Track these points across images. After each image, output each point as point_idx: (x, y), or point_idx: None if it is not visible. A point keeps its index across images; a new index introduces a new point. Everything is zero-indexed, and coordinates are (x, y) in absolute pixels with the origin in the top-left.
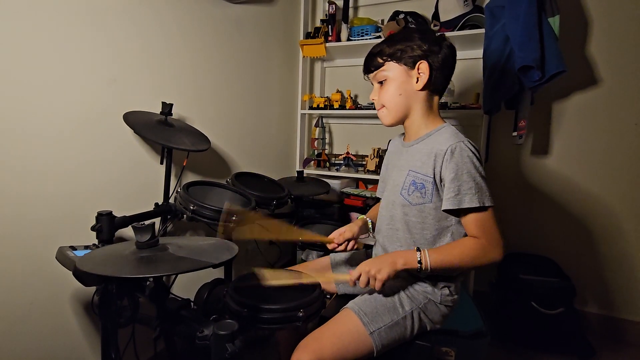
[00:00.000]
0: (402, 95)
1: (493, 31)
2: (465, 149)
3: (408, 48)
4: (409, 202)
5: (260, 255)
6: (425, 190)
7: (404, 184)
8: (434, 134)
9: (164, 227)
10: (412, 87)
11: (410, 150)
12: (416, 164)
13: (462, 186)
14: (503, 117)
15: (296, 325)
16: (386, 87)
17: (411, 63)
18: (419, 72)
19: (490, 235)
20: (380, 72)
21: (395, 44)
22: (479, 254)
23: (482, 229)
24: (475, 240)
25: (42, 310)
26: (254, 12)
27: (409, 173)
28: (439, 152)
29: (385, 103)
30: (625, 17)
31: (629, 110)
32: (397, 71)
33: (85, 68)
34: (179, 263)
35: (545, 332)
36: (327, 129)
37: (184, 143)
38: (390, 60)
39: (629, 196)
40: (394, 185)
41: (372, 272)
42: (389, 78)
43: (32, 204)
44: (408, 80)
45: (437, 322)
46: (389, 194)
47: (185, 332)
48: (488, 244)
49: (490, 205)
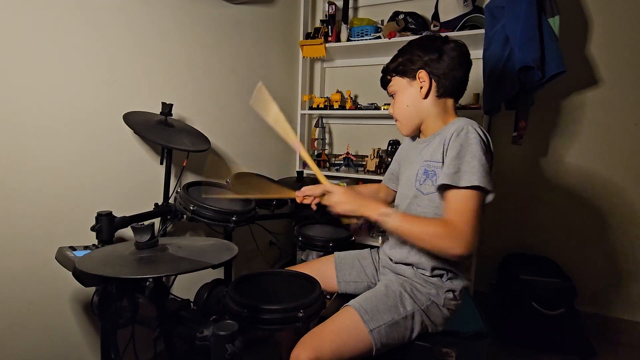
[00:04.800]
0: (410, 106)
1: (493, 32)
2: (472, 131)
3: (407, 61)
4: (421, 192)
5: (260, 255)
6: (436, 178)
7: (417, 176)
8: (447, 127)
9: (164, 227)
10: (417, 96)
11: (424, 146)
12: (429, 154)
13: (463, 165)
14: (503, 117)
15: (296, 326)
16: (396, 100)
17: (412, 75)
18: (420, 81)
19: (466, 222)
20: (389, 87)
21: (397, 58)
22: (443, 239)
23: (459, 212)
24: (446, 224)
25: (41, 310)
26: (253, 12)
27: (422, 164)
28: (447, 136)
29: (397, 116)
30: (625, 18)
31: (628, 110)
32: (401, 84)
33: (85, 69)
34: (178, 263)
35: (546, 332)
36: (327, 129)
37: (184, 143)
38: (395, 75)
39: (629, 196)
40: (407, 179)
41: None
42: (397, 92)
43: (32, 204)
44: (412, 91)
45: (439, 325)
46: (403, 189)
47: (185, 333)
48: (459, 232)
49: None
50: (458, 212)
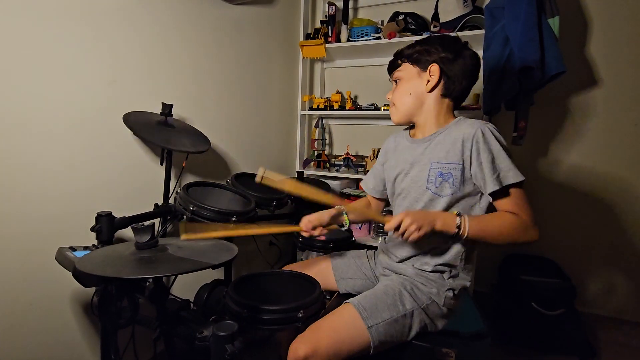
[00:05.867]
0: (412, 95)
1: (493, 32)
2: (494, 130)
3: (425, 52)
4: (438, 195)
5: (260, 255)
6: (453, 180)
7: (429, 178)
8: (452, 126)
9: (164, 227)
10: (422, 88)
11: (428, 144)
12: (439, 155)
13: (501, 165)
14: (503, 118)
15: (296, 326)
16: (399, 87)
17: (424, 66)
18: (430, 74)
19: (528, 211)
20: (396, 72)
21: (414, 46)
22: (519, 229)
23: (519, 205)
24: (515, 216)
25: (42, 310)
26: (253, 13)
27: (432, 166)
28: (466, 136)
29: (395, 101)
30: (625, 18)
31: (628, 111)
32: (410, 72)
33: (85, 69)
34: (178, 264)
35: (546, 333)
36: (327, 130)
37: (184, 144)
38: (407, 61)
39: (630, 196)
40: (412, 181)
41: (413, 228)
42: (402, 78)
43: (32, 204)
44: (419, 81)
45: (439, 324)
46: (407, 192)
47: (185, 333)
48: (529, 221)
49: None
50: (517, 206)
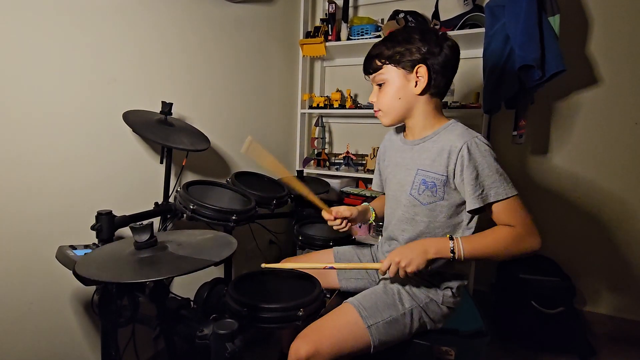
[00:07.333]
0: (402, 100)
1: (493, 30)
2: (481, 144)
3: (407, 51)
4: (420, 202)
5: (260, 254)
6: (436, 189)
7: (414, 184)
8: (442, 132)
9: (164, 226)
10: (411, 91)
11: (416, 149)
12: (425, 162)
13: (485, 182)
14: (503, 116)
15: (296, 325)
16: (385, 91)
17: (410, 67)
18: (418, 76)
19: (523, 221)
20: (378, 75)
21: (394, 46)
22: (514, 242)
23: (513, 216)
24: (509, 228)
25: (42, 309)
26: (253, 11)
27: (418, 172)
28: (452, 149)
29: (382, 107)
30: (625, 17)
31: (628, 110)
32: (395, 75)
33: (85, 67)
34: (179, 263)
35: (545, 331)
36: (327, 128)
37: (184, 142)
38: (389, 63)
39: (629, 195)
40: (399, 184)
41: (402, 264)
42: (387, 81)
43: (32, 203)
44: (406, 84)
45: (438, 322)
46: (395, 193)
47: (185, 332)
48: (524, 232)
49: (515, 193)
50: (511, 217)
